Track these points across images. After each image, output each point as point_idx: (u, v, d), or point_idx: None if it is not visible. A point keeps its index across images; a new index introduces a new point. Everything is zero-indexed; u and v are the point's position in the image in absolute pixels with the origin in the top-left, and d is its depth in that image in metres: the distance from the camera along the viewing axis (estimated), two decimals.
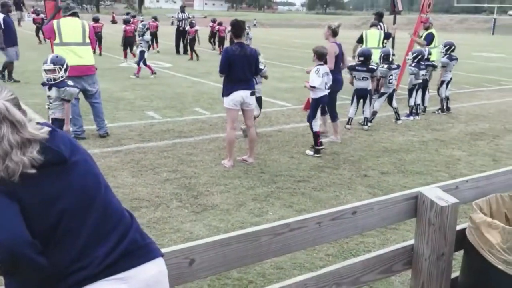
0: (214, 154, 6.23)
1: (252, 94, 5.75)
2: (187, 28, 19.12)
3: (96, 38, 18.58)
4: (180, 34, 19.86)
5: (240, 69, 5.59)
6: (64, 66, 5.60)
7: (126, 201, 4.59)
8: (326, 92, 6.37)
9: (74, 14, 6.94)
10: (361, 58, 7.75)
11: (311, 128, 6.41)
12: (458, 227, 2.30)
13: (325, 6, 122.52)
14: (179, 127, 7.56)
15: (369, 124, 7.95)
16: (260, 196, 4.88)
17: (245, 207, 4.61)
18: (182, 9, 20.02)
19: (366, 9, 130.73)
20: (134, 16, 22.88)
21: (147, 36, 13.28)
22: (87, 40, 6.88)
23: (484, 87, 13.24)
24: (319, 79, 6.19)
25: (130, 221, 1.70)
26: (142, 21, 16.25)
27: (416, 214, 2.27)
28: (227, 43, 18.70)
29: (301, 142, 6.97)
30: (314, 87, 6.25)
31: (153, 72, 12.94)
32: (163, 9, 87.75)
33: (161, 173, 5.45)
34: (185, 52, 19.52)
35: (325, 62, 6.51)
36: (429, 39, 10.43)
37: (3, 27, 11.19)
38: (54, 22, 6.75)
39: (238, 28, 5.66)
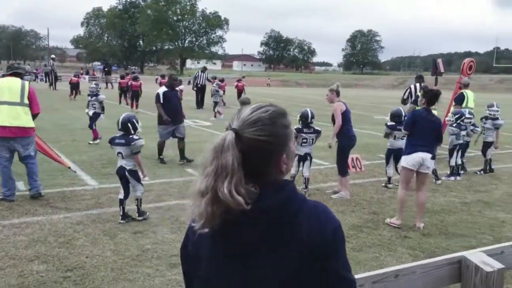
0: None
1: (433, 158, 5.81)
2: (204, 83, 22.19)
3: (134, 95, 19.71)
4: (199, 90, 22.24)
5: (422, 132, 5.79)
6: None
7: (165, 258, 4.64)
8: None
9: (16, 74, 6.57)
10: (396, 118, 7.88)
11: None
12: None
13: (361, 66, 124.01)
14: None
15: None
16: None
17: None
18: (204, 69, 23.04)
19: (403, 70, 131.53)
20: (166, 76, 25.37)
21: (102, 96, 11.76)
22: (26, 101, 6.39)
23: None
24: None
25: None
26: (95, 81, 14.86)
27: (461, 279, 2.21)
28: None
29: (339, 201, 6.92)
30: None
31: (96, 138, 11.38)
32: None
33: None
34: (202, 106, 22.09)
35: (333, 120, 7.28)
36: (459, 99, 10.36)
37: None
38: None
39: (430, 96, 5.83)
